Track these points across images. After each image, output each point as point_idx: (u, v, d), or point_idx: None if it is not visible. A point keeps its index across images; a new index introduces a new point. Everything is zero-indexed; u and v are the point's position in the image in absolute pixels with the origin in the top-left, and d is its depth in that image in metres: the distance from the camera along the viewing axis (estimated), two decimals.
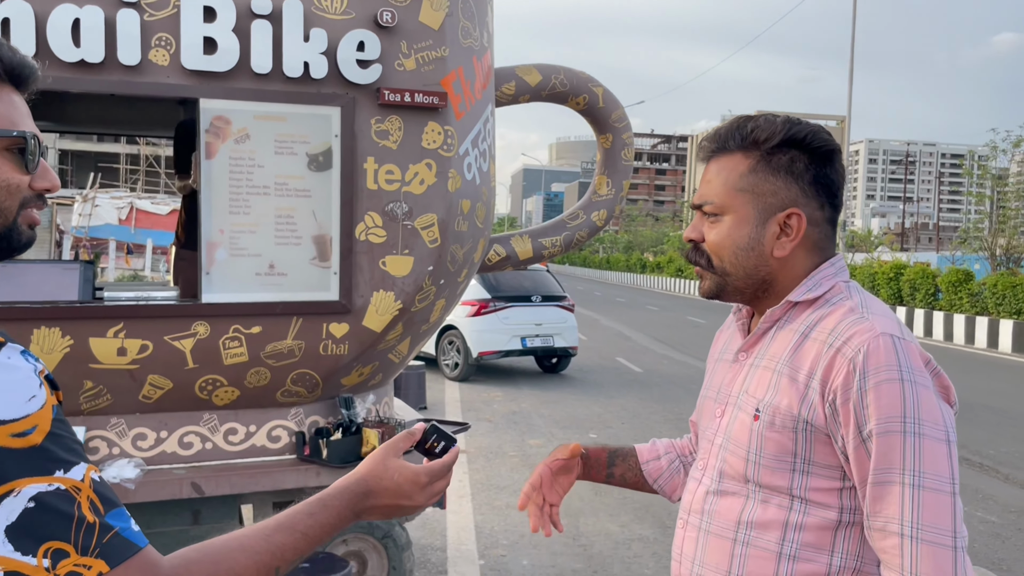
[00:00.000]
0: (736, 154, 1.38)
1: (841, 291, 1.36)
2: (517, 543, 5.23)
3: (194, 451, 3.67)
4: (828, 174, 1.37)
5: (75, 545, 0.83)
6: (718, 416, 1.44)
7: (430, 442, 1.24)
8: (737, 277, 1.39)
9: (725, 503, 1.38)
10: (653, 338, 18.19)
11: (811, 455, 1.29)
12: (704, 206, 1.41)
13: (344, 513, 1.09)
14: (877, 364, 1.22)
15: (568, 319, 12.01)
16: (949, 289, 20.29)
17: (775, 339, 1.38)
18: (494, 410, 9.59)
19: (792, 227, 1.36)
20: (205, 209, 3.41)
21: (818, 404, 1.27)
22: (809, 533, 1.30)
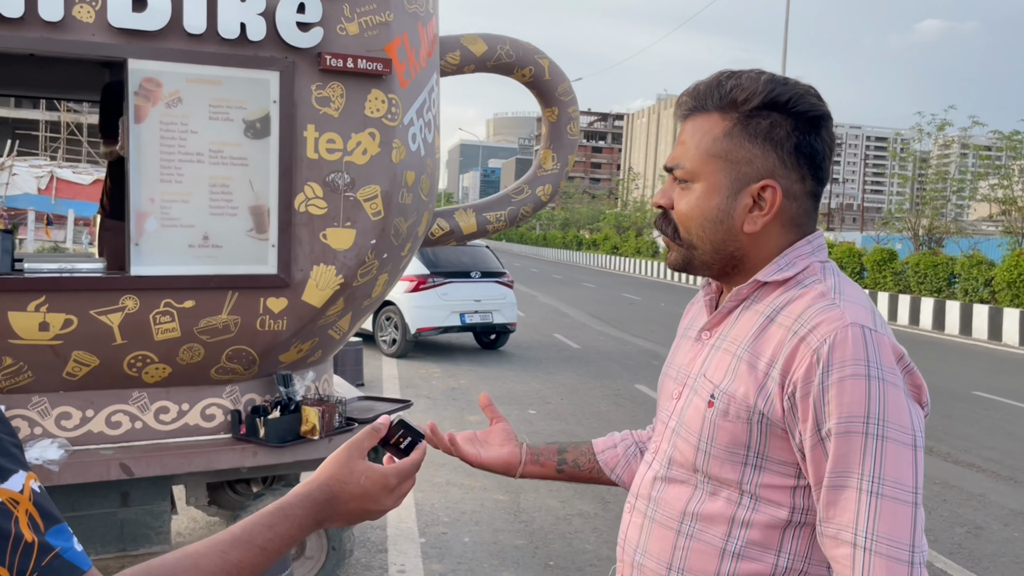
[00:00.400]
0: (713, 114, 1.24)
1: (815, 273, 1.24)
2: (458, 520, 5.18)
3: (123, 431, 3.51)
4: (812, 142, 1.22)
5: (10, 568, 0.73)
6: (675, 398, 1.33)
7: (396, 437, 1.16)
8: (704, 251, 1.27)
9: (672, 491, 1.29)
10: (590, 315, 18.31)
11: (765, 449, 1.19)
12: (675, 169, 1.28)
13: (306, 522, 1.00)
14: (843, 357, 1.11)
15: (507, 295, 11.96)
16: (874, 268, 20.94)
17: (739, 320, 1.26)
18: (433, 387, 9.51)
19: (766, 200, 1.22)
20: (134, 177, 3.23)
21: (776, 396, 1.16)
22: (756, 531, 1.20)
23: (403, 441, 1.16)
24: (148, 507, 3.64)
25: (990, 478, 6.62)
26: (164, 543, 3.69)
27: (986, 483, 6.48)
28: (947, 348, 15.24)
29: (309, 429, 3.63)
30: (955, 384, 10.96)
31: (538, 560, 4.62)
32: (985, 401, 9.89)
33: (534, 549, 4.77)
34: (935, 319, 18.21)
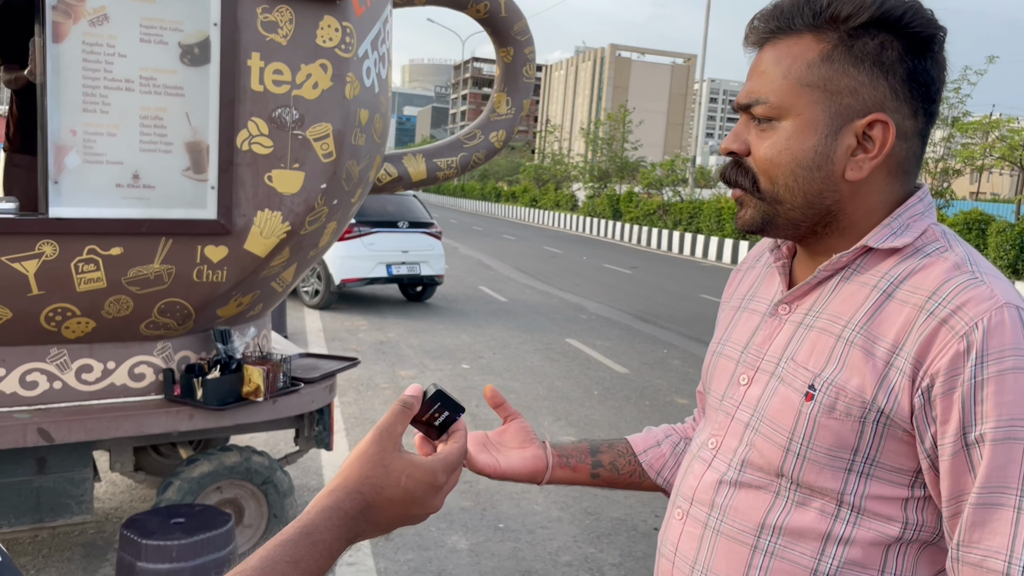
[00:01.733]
0: (805, 35, 1.00)
1: (937, 238, 1.02)
2: None
3: (40, 391, 3.13)
4: (928, 69, 1.00)
5: None
6: (743, 384, 1.11)
7: (429, 413, 0.92)
8: (793, 205, 1.03)
9: (746, 498, 1.06)
10: (513, 267, 18.16)
11: (878, 454, 0.98)
12: (754, 106, 1.03)
13: (337, 545, 0.76)
14: (1002, 345, 0.90)
15: (436, 246, 11.65)
16: None
17: (839, 293, 1.04)
18: (360, 339, 9.19)
19: (875, 139, 0.99)
20: (52, 105, 2.81)
21: (904, 390, 0.95)
22: (857, 548, 1.00)
23: (438, 417, 0.93)
24: (68, 474, 3.30)
25: None
26: (86, 513, 3.36)
27: None
28: None
29: (252, 390, 3.33)
30: None
31: (487, 522, 4.46)
32: None
33: (482, 511, 4.61)
34: None
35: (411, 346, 8.99)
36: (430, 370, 7.88)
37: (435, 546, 4.14)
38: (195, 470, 3.55)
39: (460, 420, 0.94)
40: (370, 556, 3.97)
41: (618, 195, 33.40)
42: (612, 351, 9.34)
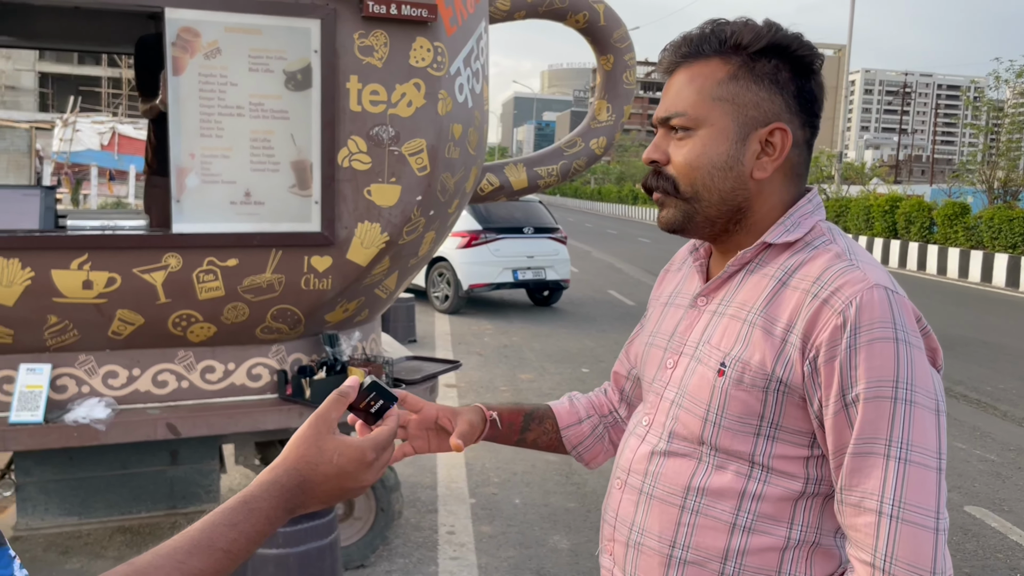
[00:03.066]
0: (712, 60, 1.19)
1: (823, 233, 1.20)
2: (509, 481, 5.11)
3: (169, 390, 3.48)
4: (812, 88, 1.19)
5: None
6: (669, 367, 1.26)
7: (366, 401, 1.04)
8: (710, 203, 1.20)
9: (673, 465, 1.22)
10: (645, 271, 18.02)
11: (779, 419, 1.14)
12: (672, 119, 1.20)
13: (275, 514, 0.89)
14: (871, 319, 1.07)
15: (560, 251, 11.78)
16: (944, 222, 20.12)
17: (744, 284, 1.21)
18: (485, 343, 9.44)
19: (775, 145, 1.18)
20: (174, 131, 3.13)
21: (796, 361, 1.11)
22: (768, 503, 1.15)
23: (374, 405, 1.05)
24: (197, 465, 3.63)
25: None
26: (213, 500, 3.68)
27: None
28: (1019, 305, 14.59)
29: None
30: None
31: (590, 524, 4.52)
32: None
33: (586, 512, 4.68)
34: (1009, 276, 17.46)
35: (533, 350, 9.15)
36: (549, 373, 8.01)
37: (537, 544, 4.25)
38: None
39: (393, 408, 1.05)
40: (473, 552, 4.13)
41: None
42: None
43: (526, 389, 7.38)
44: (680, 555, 1.19)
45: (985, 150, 22.92)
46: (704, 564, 1.18)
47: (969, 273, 18.76)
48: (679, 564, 1.19)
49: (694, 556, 1.18)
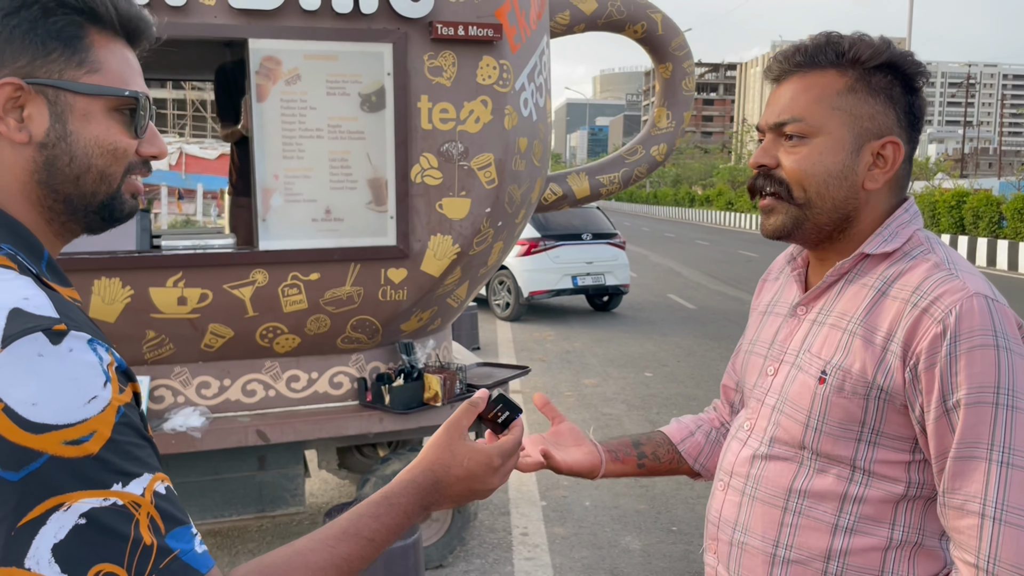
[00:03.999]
0: (829, 71, 1.23)
1: (921, 243, 1.23)
2: (578, 484, 5.20)
3: (258, 398, 3.67)
4: (920, 104, 1.24)
5: (128, 569, 0.74)
6: (770, 375, 1.31)
7: (493, 412, 1.15)
8: (822, 210, 1.23)
9: (775, 468, 1.26)
10: (705, 273, 17.92)
11: (881, 425, 1.17)
12: (787, 125, 1.23)
13: (412, 510, 1.00)
14: (971, 327, 1.10)
15: (619, 256, 11.83)
16: (1015, 216, 19.55)
17: (844, 294, 1.25)
18: (547, 349, 9.55)
19: (887, 157, 1.22)
20: (258, 154, 3.33)
21: (897, 369, 1.14)
22: (870, 506, 1.19)
23: (501, 416, 1.15)
24: (283, 471, 3.82)
25: None
26: (299, 505, 3.86)
27: None
28: None
29: (432, 396, 3.70)
30: None
31: (660, 525, 4.59)
32: None
33: (656, 514, 4.75)
34: None
35: (595, 355, 9.22)
36: (613, 378, 8.08)
37: (609, 545, 4.33)
38: (388, 468, 3.98)
39: (519, 419, 1.15)
40: (547, 552, 4.24)
41: None
42: None
43: (590, 394, 7.46)
44: (784, 554, 1.24)
45: None
46: (807, 563, 1.22)
47: None
48: (783, 563, 1.24)
49: (797, 555, 1.23)
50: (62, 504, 0.72)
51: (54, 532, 0.72)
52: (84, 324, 0.80)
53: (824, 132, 1.22)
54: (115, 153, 0.90)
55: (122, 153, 0.91)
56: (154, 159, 0.96)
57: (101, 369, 0.77)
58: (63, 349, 0.75)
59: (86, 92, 0.88)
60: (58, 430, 0.72)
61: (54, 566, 0.72)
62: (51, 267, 0.88)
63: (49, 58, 0.86)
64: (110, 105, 0.90)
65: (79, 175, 0.89)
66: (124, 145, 0.91)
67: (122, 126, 0.91)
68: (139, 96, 0.92)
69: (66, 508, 0.72)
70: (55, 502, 0.72)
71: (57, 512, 0.72)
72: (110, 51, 0.90)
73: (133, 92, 0.91)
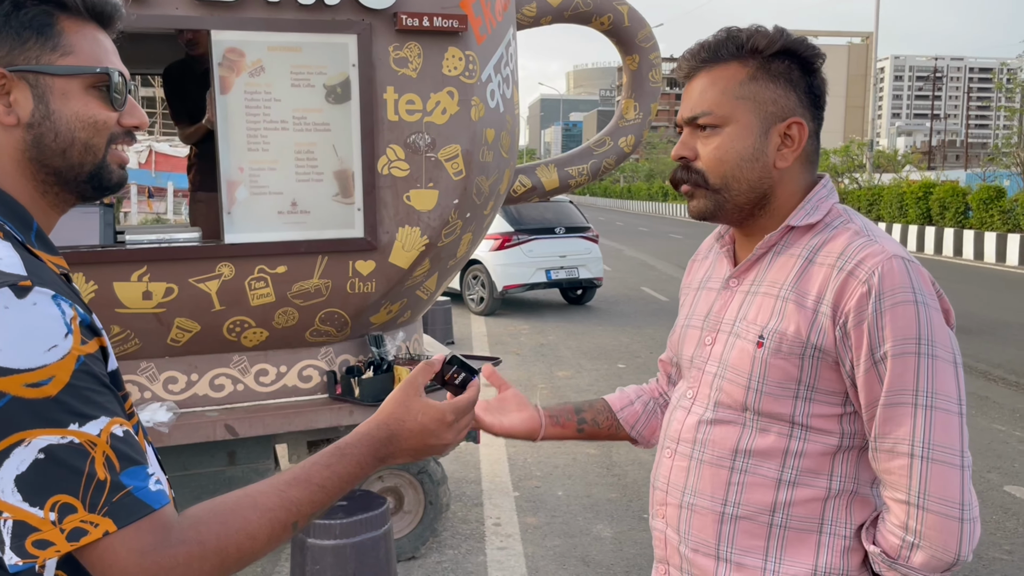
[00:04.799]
0: (731, 63, 1.33)
1: (840, 214, 1.35)
2: (551, 474, 5.23)
3: (226, 393, 3.65)
4: (819, 84, 1.34)
5: (83, 501, 0.82)
6: (708, 344, 1.40)
7: (450, 373, 1.19)
8: (739, 191, 1.33)
9: (720, 432, 1.35)
10: (678, 266, 18.03)
11: (815, 381, 1.27)
12: (699, 118, 1.34)
13: (365, 460, 1.04)
14: (892, 286, 1.21)
15: (592, 250, 11.88)
16: (980, 207, 19.88)
17: (773, 265, 1.35)
18: (521, 343, 9.57)
19: (793, 137, 1.32)
20: (223, 146, 3.31)
21: (828, 328, 1.25)
22: (809, 459, 1.29)
23: (457, 377, 1.19)
24: (253, 465, 3.80)
25: None
26: None
27: None
28: None
29: None
30: None
31: (632, 513, 4.63)
32: None
33: (628, 502, 4.78)
34: None
35: (569, 348, 9.26)
36: (586, 370, 8.11)
37: (581, 534, 4.36)
38: None
39: (475, 379, 1.19)
40: (519, 542, 4.26)
41: None
42: None
43: (564, 386, 7.49)
44: (732, 511, 1.33)
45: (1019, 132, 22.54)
46: (754, 518, 1.31)
47: (1007, 257, 18.50)
48: (732, 520, 1.33)
49: (744, 511, 1.32)
50: (23, 440, 0.80)
51: (16, 465, 0.80)
52: (52, 282, 0.88)
53: (733, 120, 1.31)
54: (96, 126, 0.99)
55: (103, 125, 0.99)
56: (136, 129, 1.04)
57: (63, 322, 0.85)
58: (27, 302, 0.83)
59: (62, 73, 0.96)
60: (19, 374, 0.81)
61: (16, 495, 0.80)
62: (40, 237, 0.97)
63: (25, 46, 0.95)
64: (86, 83, 0.98)
65: (65, 149, 0.97)
66: (103, 118, 0.99)
67: (100, 101, 0.99)
68: (110, 71, 0.99)
69: (27, 444, 0.80)
70: (17, 438, 0.80)
71: (19, 447, 0.80)
72: (81, 35, 0.98)
73: (104, 68, 0.99)
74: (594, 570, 3.98)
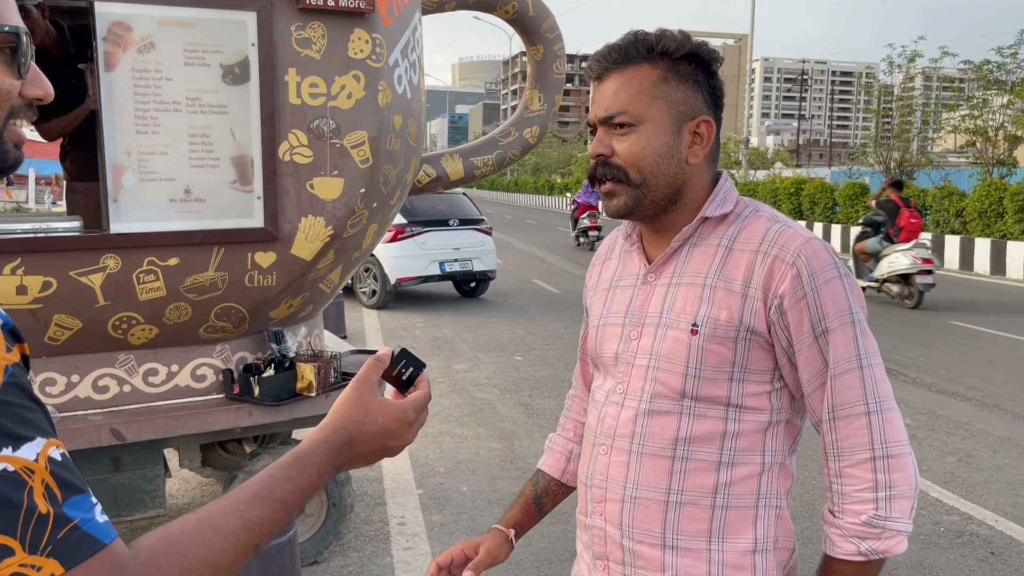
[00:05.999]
0: (643, 65, 1.37)
1: (747, 204, 1.42)
2: (454, 470, 5.15)
3: (111, 395, 3.38)
4: (719, 85, 1.41)
5: (22, 541, 0.66)
6: (634, 338, 1.42)
7: (398, 369, 1.09)
8: (657, 187, 1.38)
9: (659, 422, 1.37)
10: (567, 259, 18.25)
11: (747, 362, 1.33)
12: (615, 117, 1.37)
13: (325, 469, 0.93)
14: (822, 265, 1.30)
15: (486, 242, 11.84)
16: (846, 203, 21.04)
17: (692, 256, 1.40)
18: (416, 337, 9.42)
19: (702, 135, 1.39)
20: (107, 129, 3.04)
21: (760, 310, 1.31)
22: (744, 439, 1.35)
23: (405, 372, 1.09)
24: (141, 471, 3.54)
25: (975, 406, 6.71)
26: (159, 507, 3.60)
27: (971, 411, 6.57)
28: None
29: (305, 386, 3.53)
30: (932, 315, 11.09)
31: None
32: (963, 331, 10.02)
33: None
34: None
35: (465, 341, 9.18)
36: (484, 363, 8.06)
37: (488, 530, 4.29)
38: (258, 463, 3.77)
39: (423, 374, 1.10)
40: (426, 541, 4.16)
41: None
42: None
43: (462, 379, 7.41)
44: (676, 499, 1.36)
45: (879, 133, 24.00)
46: (697, 502, 1.35)
47: None
48: (676, 507, 1.36)
49: (688, 497, 1.35)
50: None
51: None
52: None
53: (648, 119, 1.36)
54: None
55: (4, 95, 0.81)
56: (39, 101, 0.85)
57: None
58: None
59: None
60: None
61: None
62: None
63: None
64: None
65: None
66: (7, 86, 0.81)
67: (3, 65, 0.80)
68: (19, 31, 0.80)
69: None
70: None
71: None
72: None
73: (13, 27, 0.79)
74: (503, 566, 3.92)
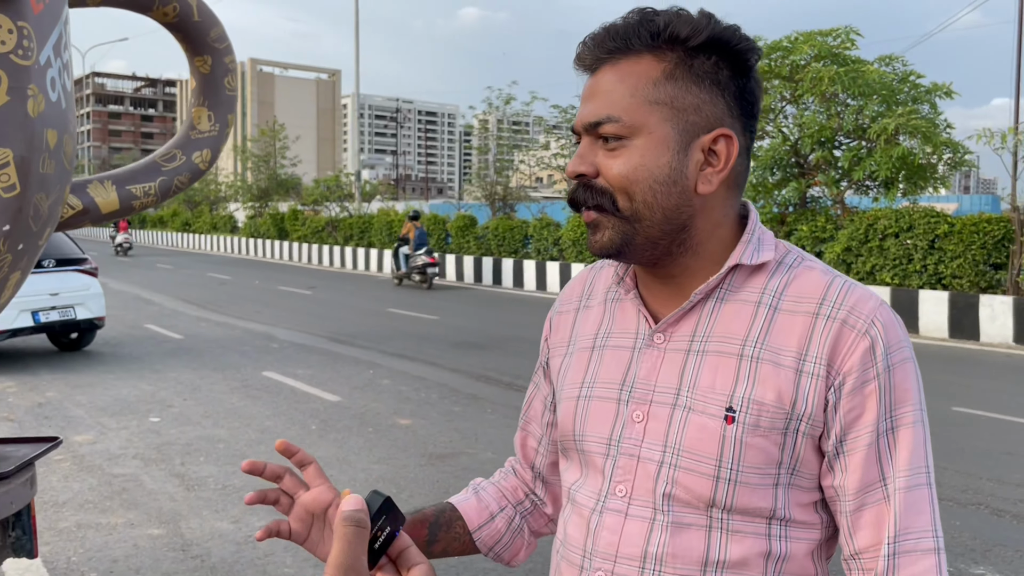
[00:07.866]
0: (644, 55, 1.00)
1: (790, 250, 1.08)
2: (111, 572, 4.15)
3: None
4: (753, 88, 1.04)
5: None
6: (638, 421, 1.05)
7: (373, 532, 0.78)
8: (652, 223, 1.00)
9: (682, 541, 1.01)
10: (179, 299, 16.64)
11: (797, 464, 0.99)
12: (602, 125, 1.00)
13: None
14: (897, 340, 0.98)
15: (91, 285, 10.18)
16: (458, 233, 22.28)
17: (719, 315, 1.03)
18: (11, 405, 7.69)
19: (720, 153, 1.01)
20: None
21: (820, 391, 0.97)
22: (793, 563, 1.02)
23: (381, 534, 0.79)
24: None
25: None
26: None
27: None
28: (526, 302, 16.78)
29: None
30: None
31: None
32: None
33: None
34: (515, 278, 20.00)
35: (80, 404, 7.72)
36: (112, 430, 6.81)
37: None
38: None
39: (402, 536, 0.80)
40: None
41: (282, 214, 32.33)
42: (316, 379, 8.86)
43: (89, 454, 6.15)
44: None
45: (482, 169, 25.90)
46: None
47: (483, 278, 21.06)
48: None
49: None
50: None
51: None
52: None
53: (644, 131, 0.99)
54: None
55: None
56: None
57: None
58: None
59: None
60: None
61: None
62: None
63: None
64: None
65: None
66: None
67: None
68: None
69: None
70: None
71: None
72: None
73: None
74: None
